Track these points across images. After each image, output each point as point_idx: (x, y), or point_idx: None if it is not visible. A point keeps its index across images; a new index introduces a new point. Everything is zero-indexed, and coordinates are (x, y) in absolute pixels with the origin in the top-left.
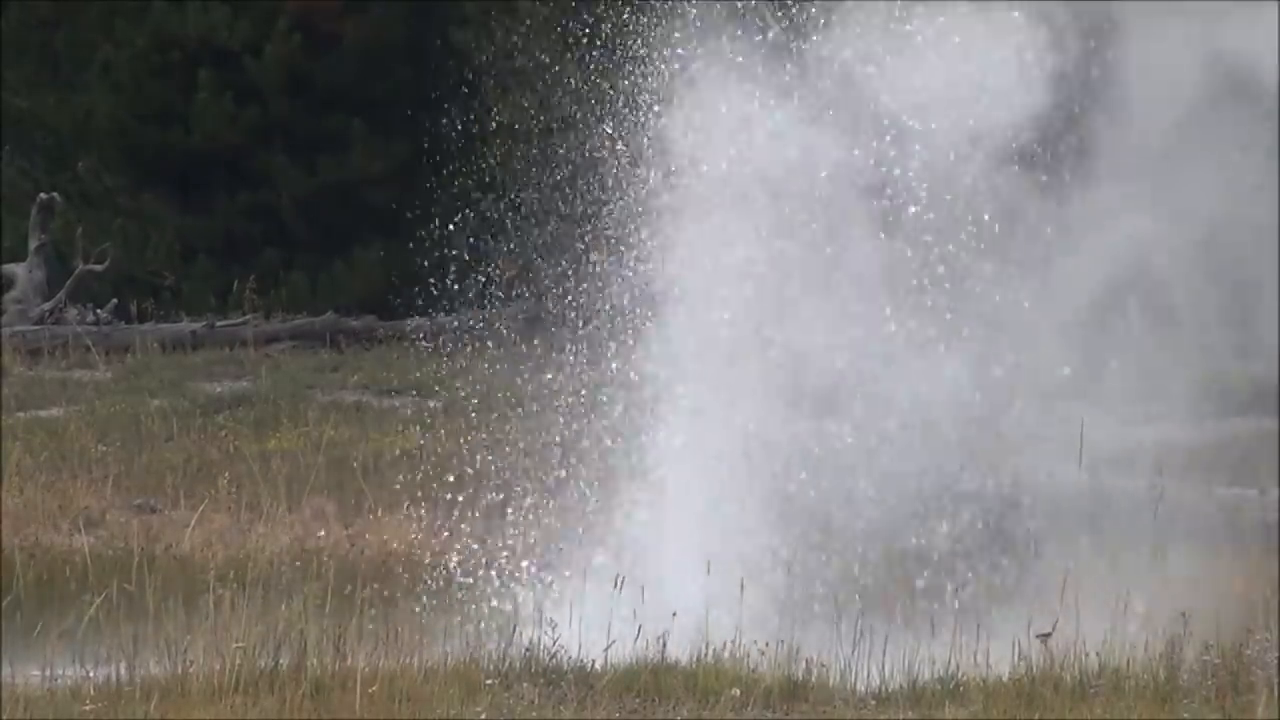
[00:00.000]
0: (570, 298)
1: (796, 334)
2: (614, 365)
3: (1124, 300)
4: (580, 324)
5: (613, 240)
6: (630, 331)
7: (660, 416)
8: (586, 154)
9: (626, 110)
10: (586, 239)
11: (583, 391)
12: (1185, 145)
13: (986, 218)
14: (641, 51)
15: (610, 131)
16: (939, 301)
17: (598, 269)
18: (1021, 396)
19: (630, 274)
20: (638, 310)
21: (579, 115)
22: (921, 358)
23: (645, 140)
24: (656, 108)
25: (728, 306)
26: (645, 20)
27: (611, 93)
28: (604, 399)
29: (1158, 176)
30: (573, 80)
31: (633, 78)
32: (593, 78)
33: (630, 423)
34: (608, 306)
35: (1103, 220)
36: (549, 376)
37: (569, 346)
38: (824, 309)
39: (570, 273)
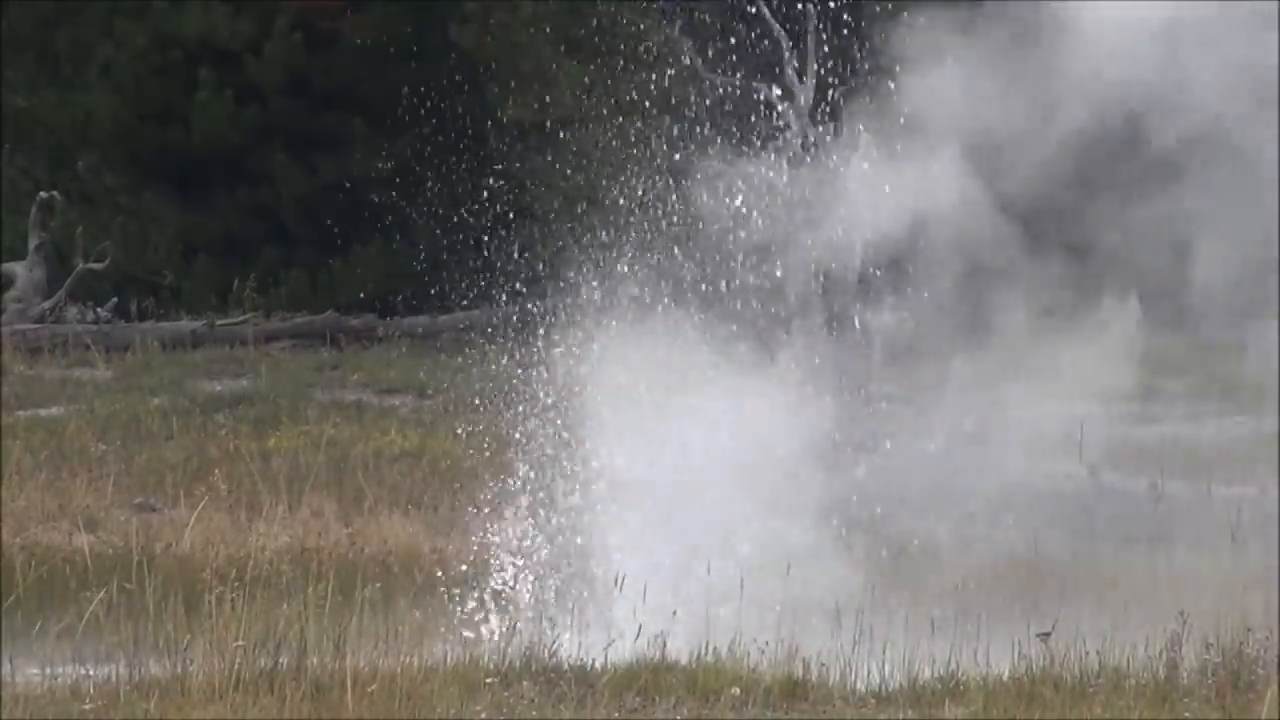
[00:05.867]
0: (572, 296)
1: (795, 332)
2: (615, 364)
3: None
4: (581, 323)
5: (616, 239)
6: (631, 330)
7: (660, 417)
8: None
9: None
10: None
11: (582, 390)
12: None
13: None
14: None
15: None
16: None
17: (601, 267)
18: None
19: (633, 272)
20: (639, 309)
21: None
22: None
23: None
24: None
25: (728, 305)
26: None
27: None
28: (604, 397)
29: None
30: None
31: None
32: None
33: (630, 423)
34: (610, 305)
35: None
36: (549, 375)
37: (570, 345)
38: (822, 308)
39: (572, 271)
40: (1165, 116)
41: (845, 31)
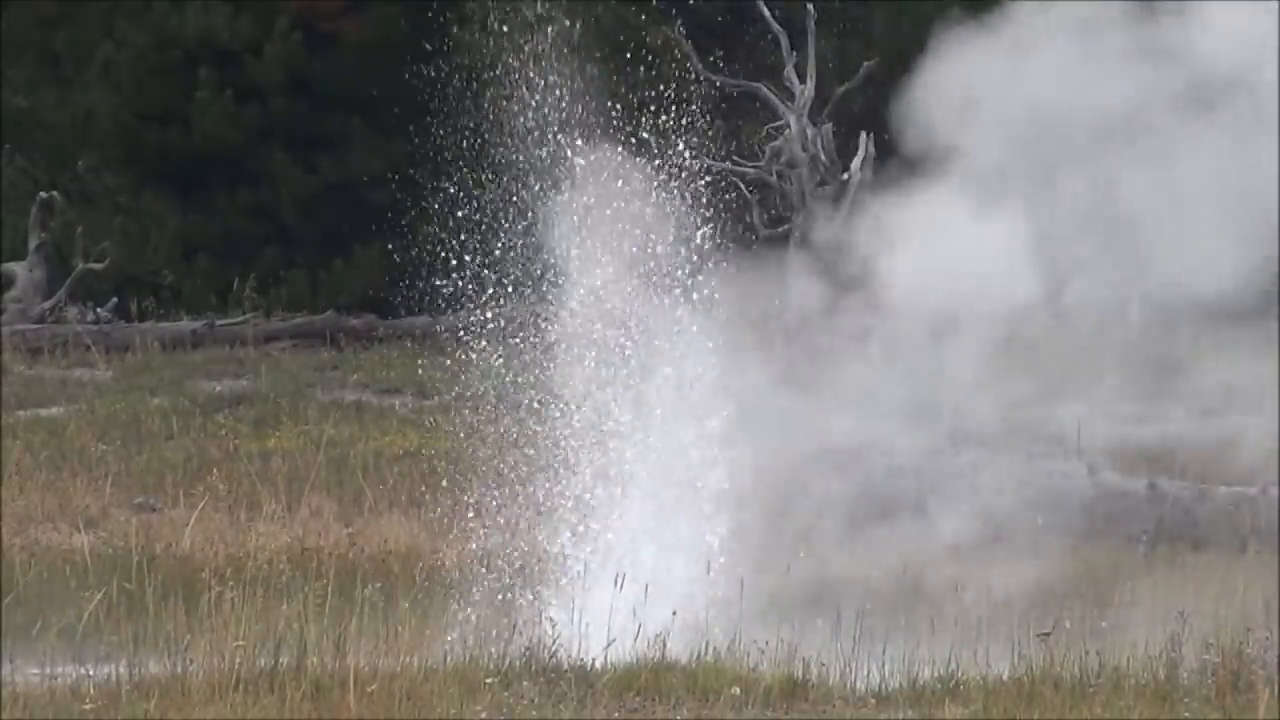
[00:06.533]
0: (571, 296)
1: (794, 331)
2: (614, 363)
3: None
4: (580, 322)
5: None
6: (630, 329)
7: (660, 415)
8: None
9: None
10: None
11: (582, 389)
12: None
13: None
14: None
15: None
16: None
17: (600, 266)
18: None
19: (632, 272)
20: (638, 309)
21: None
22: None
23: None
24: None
25: (727, 304)
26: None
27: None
28: (602, 397)
29: None
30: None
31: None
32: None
33: (630, 421)
34: (609, 304)
35: None
36: (547, 375)
37: (568, 344)
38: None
39: (572, 270)
40: None
41: None
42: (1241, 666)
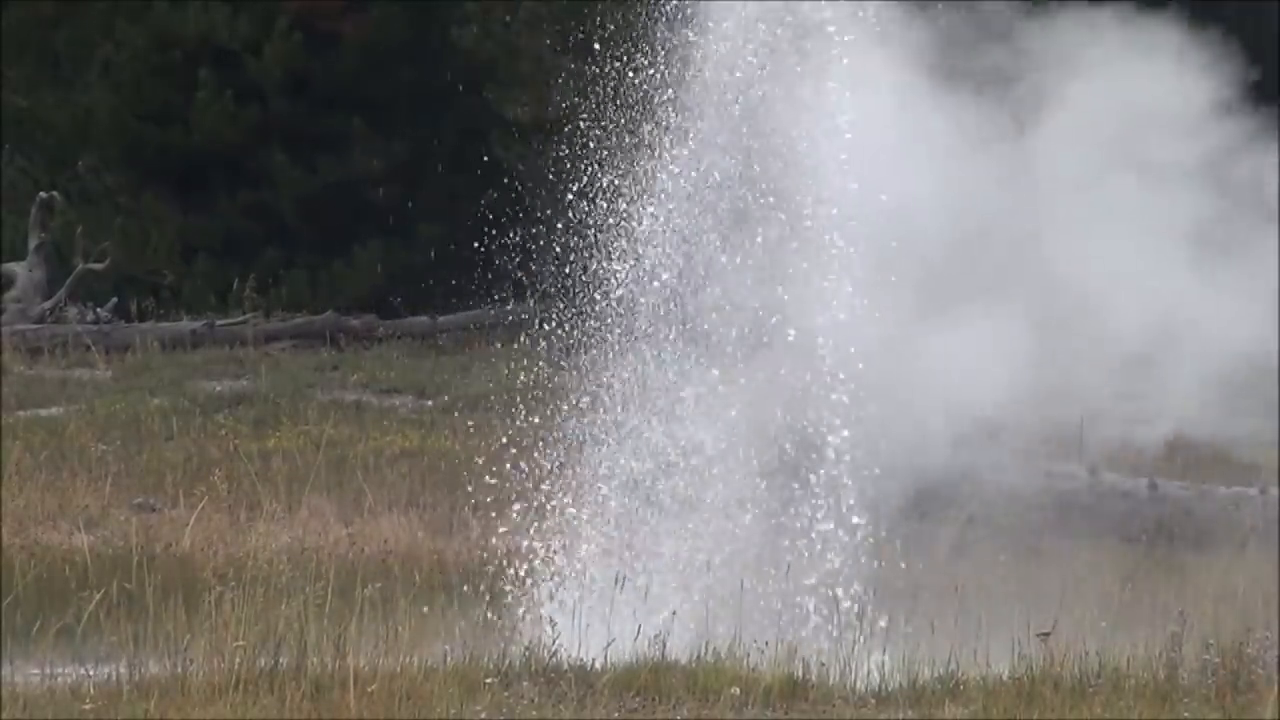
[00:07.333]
0: (570, 296)
1: (796, 332)
2: (613, 364)
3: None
4: (579, 322)
5: (612, 238)
6: (629, 329)
7: (659, 414)
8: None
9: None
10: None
11: (581, 389)
12: None
13: None
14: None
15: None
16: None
17: (598, 267)
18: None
19: (630, 272)
20: (637, 309)
21: (579, 112)
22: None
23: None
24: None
25: (727, 305)
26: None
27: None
28: (601, 397)
29: None
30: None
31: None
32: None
33: (630, 420)
34: (608, 304)
35: None
36: (547, 375)
37: (567, 345)
38: (823, 306)
39: (570, 271)
40: None
41: None
42: (1241, 666)
